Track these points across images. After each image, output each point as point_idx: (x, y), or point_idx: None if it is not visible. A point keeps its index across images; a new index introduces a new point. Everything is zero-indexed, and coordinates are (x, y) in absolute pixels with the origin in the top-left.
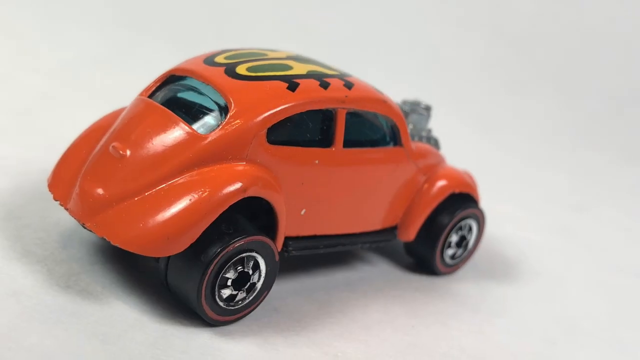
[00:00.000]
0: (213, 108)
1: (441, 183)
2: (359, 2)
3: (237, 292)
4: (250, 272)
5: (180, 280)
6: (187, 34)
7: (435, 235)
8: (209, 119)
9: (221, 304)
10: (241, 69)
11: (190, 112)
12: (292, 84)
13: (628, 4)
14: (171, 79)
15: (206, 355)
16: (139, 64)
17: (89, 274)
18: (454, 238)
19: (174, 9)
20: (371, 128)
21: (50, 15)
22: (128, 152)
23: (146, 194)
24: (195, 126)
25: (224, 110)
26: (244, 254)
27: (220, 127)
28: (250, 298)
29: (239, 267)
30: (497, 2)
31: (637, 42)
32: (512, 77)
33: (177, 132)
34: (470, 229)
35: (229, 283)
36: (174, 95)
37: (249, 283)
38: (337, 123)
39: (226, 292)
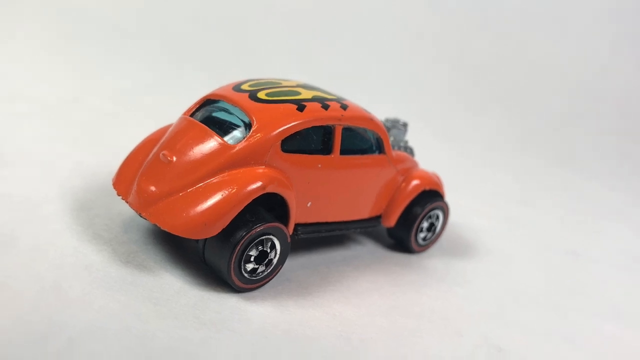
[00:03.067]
0: (240, 124)
1: (415, 182)
2: (353, 43)
3: (258, 266)
4: (268, 250)
5: (215, 256)
6: (219, 66)
7: (411, 222)
8: (237, 133)
9: (246, 275)
10: (261, 94)
11: (222, 128)
12: (300, 106)
13: (563, 43)
14: (207, 102)
15: (234, 314)
16: (182, 90)
17: (144, 252)
18: (425, 224)
19: (209, 47)
20: (361, 140)
21: (112, 52)
22: (174, 159)
23: (188, 190)
24: (226, 138)
25: (248, 126)
26: (263, 237)
27: (245, 139)
28: (268, 271)
29: (259, 247)
30: (460, 43)
31: (569, 73)
32: (471, 100)
33: (212, 143)
34: (437, 218)
35: (252, 259)
36: (210, 114)
37: (267, 259)
38: (335, 136)
39: (250, 266)
